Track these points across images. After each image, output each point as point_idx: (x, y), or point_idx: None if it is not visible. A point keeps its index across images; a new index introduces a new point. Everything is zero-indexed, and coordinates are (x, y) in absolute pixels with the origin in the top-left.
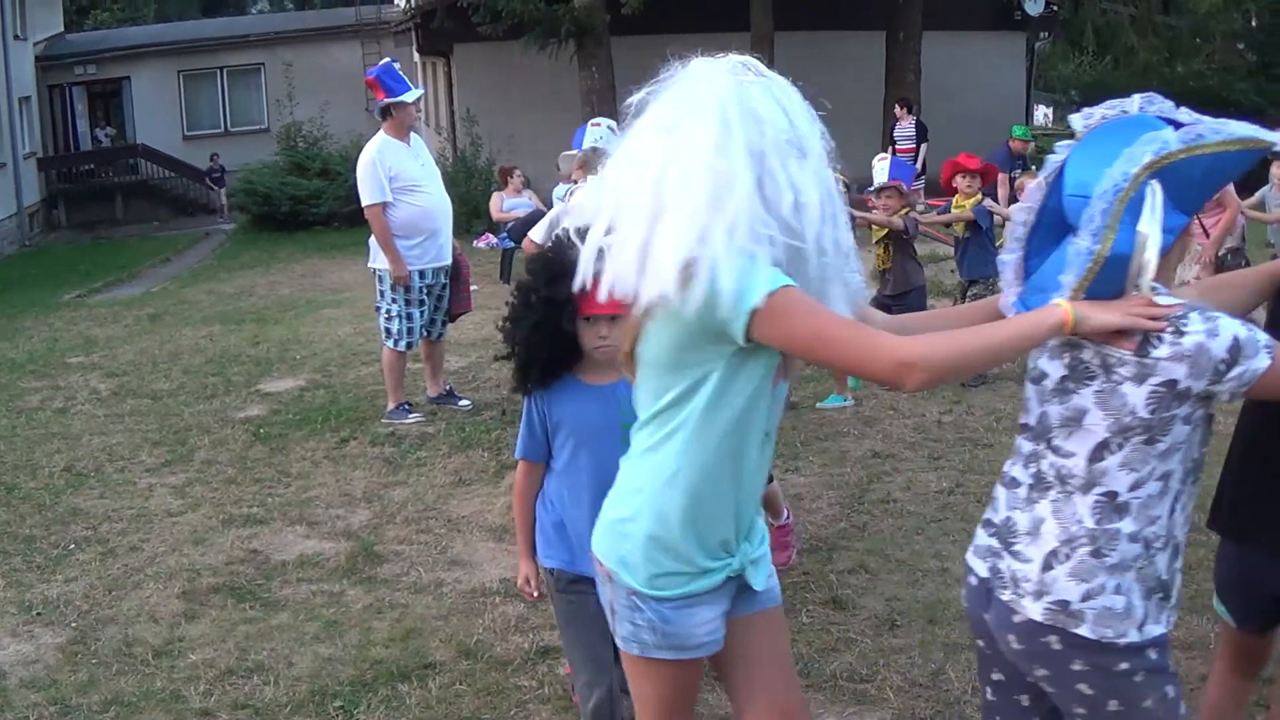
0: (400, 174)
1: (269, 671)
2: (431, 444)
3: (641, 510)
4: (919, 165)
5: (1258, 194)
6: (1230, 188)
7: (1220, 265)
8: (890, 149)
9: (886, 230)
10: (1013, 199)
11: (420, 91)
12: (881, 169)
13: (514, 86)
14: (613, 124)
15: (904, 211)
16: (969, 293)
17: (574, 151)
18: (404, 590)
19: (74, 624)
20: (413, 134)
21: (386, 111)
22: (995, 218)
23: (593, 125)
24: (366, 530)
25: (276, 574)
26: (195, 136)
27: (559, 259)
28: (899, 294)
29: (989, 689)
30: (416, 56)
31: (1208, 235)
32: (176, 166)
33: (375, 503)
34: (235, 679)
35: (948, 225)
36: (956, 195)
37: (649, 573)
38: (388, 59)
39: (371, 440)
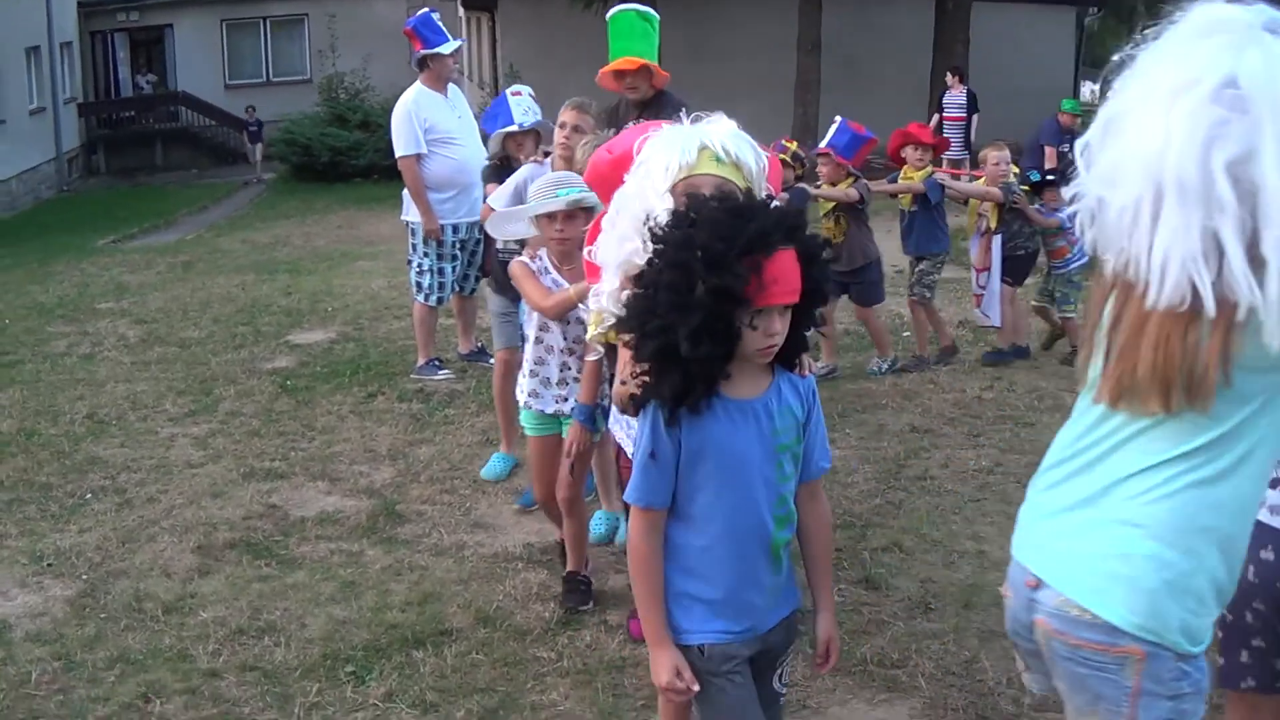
0: (435, 126)
1: (281, 632)
2: (460, 402)
3: (1208, 554)
4: (971, 134)
5: None
6: None
7: None
8: (939, 117)
9: (834, 202)
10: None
11: (459, 43)
12: (830, 133)
13: (558, 43)
14: (531, 91)
15: (849, 181)
16: (917, 269)
17: (511, 128)
18: (424, 552)
19: (85, 576)
20: (451, 86)
21: (423, 63)
22: (949, 192)
23: (513, 95)
24: (389, 488)
25: (295, 530)
26: (237, 86)
27: (727, 230)
28: (855, 269)
29: None
30: (461, 11)
31: None
32: (217, 115)
33: (400, 460)
34: (246, 639)
35: (893, 195)
36: (905, 166)
37: (1200, 625)
38: (426, 9)
39: (399, 396)
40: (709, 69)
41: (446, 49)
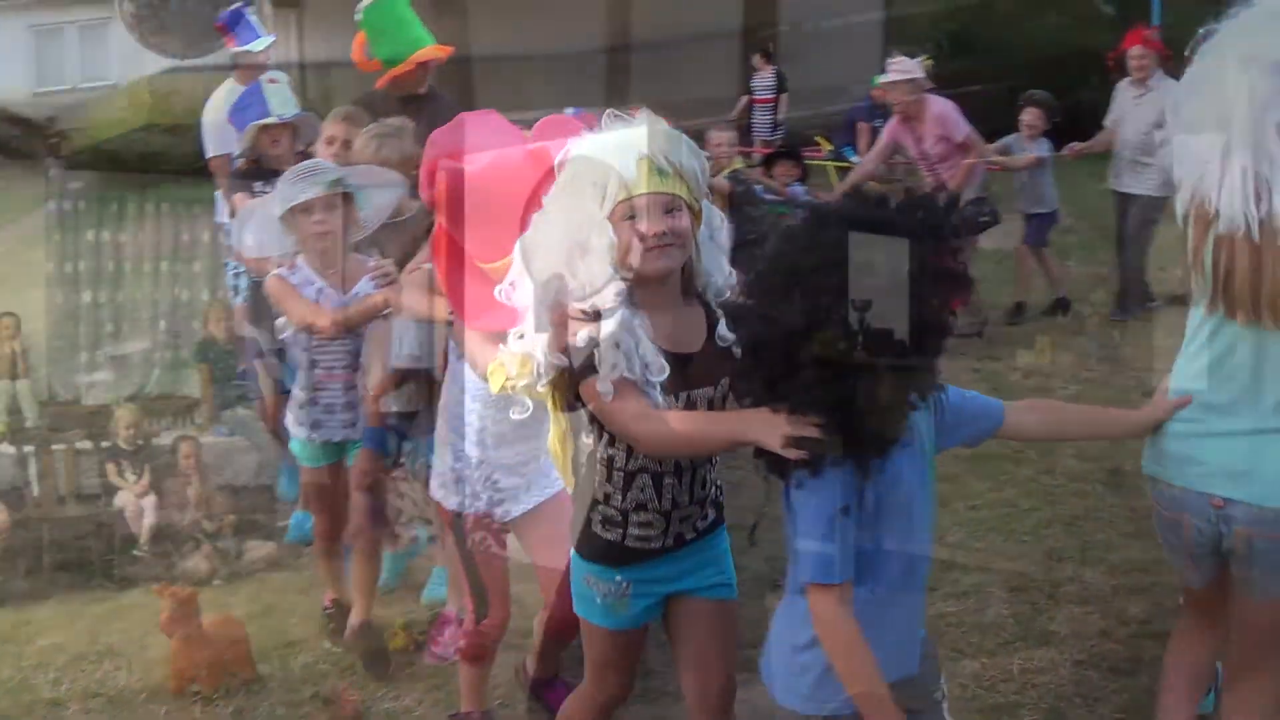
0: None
1: (121, 655)
2: None
3: None
4: (779, 115)
5: (1002, 141)
6: (976, 134)
7: None
8: (748, 99)
9: None
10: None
11: (270, 40)
12: None
13: None
14: (287, 78)
15: None
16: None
17: (268, 120)
18: (261, 563)
19: None
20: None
21: (235, 60)
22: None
23: (270, 83)
24: None
25: (126, 548)
26: (45, 93)
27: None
28: None
29: None
30: (269, 7)
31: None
32: (22, 125)
33: None
34: (86, 664)
35: None
36: None
37: None
38: (239, 4)
39: None
40: (512, 62)
41: (258, 46)
